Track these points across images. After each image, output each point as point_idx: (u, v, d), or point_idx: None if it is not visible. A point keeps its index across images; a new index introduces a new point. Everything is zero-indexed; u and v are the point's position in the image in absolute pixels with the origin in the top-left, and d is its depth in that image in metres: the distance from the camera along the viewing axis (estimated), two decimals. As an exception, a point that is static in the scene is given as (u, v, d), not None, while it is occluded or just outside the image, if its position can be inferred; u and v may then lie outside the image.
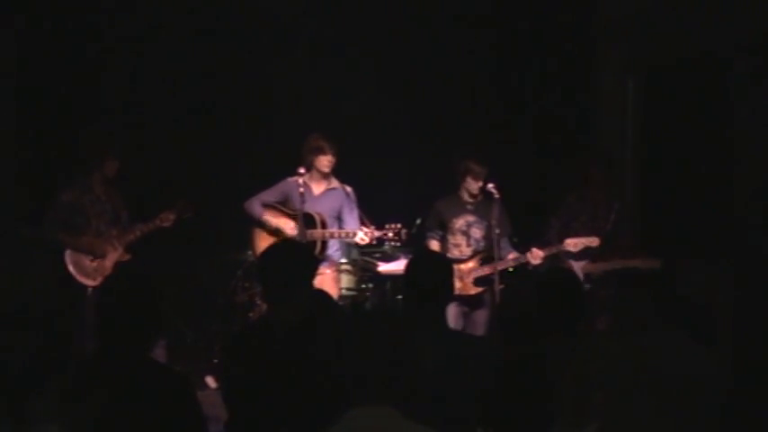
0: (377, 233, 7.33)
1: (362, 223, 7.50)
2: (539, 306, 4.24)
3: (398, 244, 7.46)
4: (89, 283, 7.18)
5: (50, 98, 8.43)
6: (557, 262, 7.33)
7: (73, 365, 3.49)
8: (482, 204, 7.39)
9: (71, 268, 7.18)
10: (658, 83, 8.50)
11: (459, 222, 7.46)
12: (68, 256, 7.20)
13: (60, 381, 3.16)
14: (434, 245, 7.53)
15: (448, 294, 4.43)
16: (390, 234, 7.31)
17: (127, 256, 7.34)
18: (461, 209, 7.47)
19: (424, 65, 9.00)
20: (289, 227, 7.39)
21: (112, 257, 7.28)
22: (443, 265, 4.49)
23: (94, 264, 7.23)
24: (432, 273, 4.36)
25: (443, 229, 7.53)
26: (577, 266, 7.34)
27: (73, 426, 3.12)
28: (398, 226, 7.30)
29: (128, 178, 7.47)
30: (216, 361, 7.77)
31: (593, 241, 7.21)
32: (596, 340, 4.22)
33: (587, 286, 7.24)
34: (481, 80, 8.98)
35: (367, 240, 7.36)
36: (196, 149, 8.77)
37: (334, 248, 7.57)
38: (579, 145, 8.74)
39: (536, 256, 7.22)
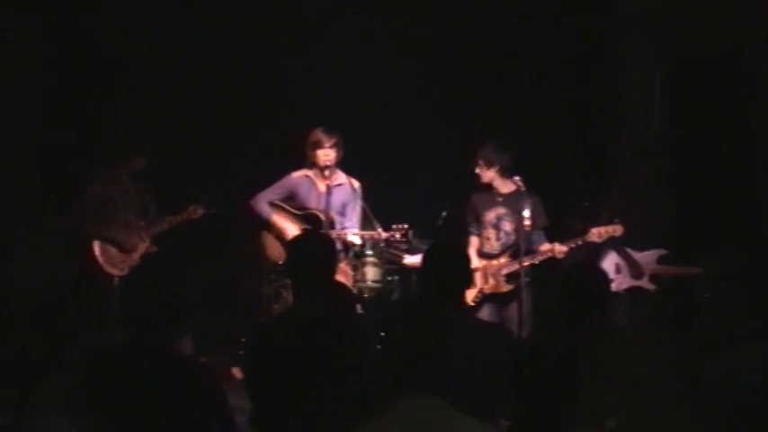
0: (384, 235, 7.31)
1: (366, 219, 7.51)
2: (562, 300, 4.24)
3: (406, 246, 7.47)
4: (115, 272, 7.25)
5: (75, 90, 8.46)
6: (630, 262, 7.35)
7: (85, 357, 3.51)
8: (513, 197, 7.32)
9: (99, 258, 7.24)
10: (684, 74, 8.47)
11: (490, 215, 7.41)
12: (97, 246, 7.26)
13: (70, 373, 3.17)
14: (473, 241, 7.48)
15: (464, 283, 4.43)
16: (398, 235, 7.29)
17: (153, 248, 7.42)
18: (493, 201, 7.42)
19: (445, 57, 8.96)
20: (293, 231, 7.36)
21: (140, 249, 7.36)
22: (458, 256, 4.49)
23: (122, 254, 7.30)
24: (447, 264, 4.37)
25: (479, 223, 7.50)
26: (646, 264, 7.36)
27: (85, 418, 3.14)
28: (405, 226, 7.27)
29: (155, 172, 7.52)
30: (242, 352, 7.79)
31: (617, 230, 7.15)
32: (616, 335, 4.21)
33: (653, 287, 7.29)
34: (505, 73, 8.93)
35: (358, 244, 7.38)
36: (222, 144, 8.78)
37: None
38: (605, 138, 8.74)
39: (558, 250, 7.19)
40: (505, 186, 7.37)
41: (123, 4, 8.63)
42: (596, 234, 7.16)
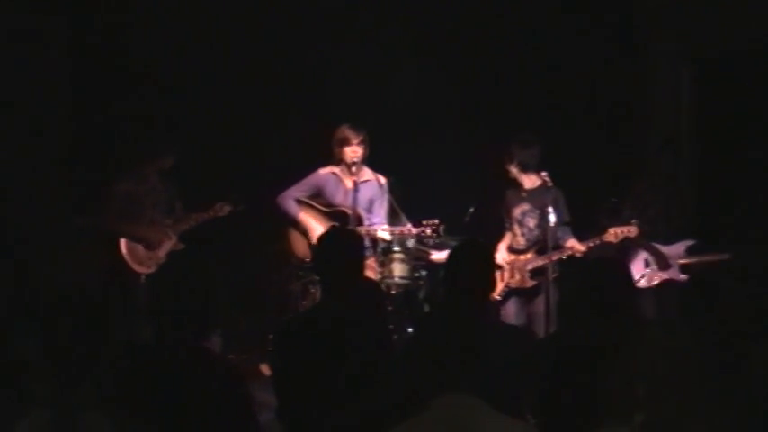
0: (414, 230, 7.34)
1: (395, 214, 7.53)
2: (582, 296, 4.22)
3: (437, 240, 7.49)
4: (143, 270, 7.28)
5: (102, 88, 8.49)
6: (656, 254, 7.33)
7: (121, 353, 3.52)
8: (537, 193, 7.32)
9: (126, 256, 7.27)
10: (712, 71, 8.43)
11: (517, 211, 7.45)
12: (124, 243, 7.30)
13: (107, 368, 3.19)
14: (507, 236, 7.54)
15: (485, 285, 4.40)
16: (428, 231, 7.32)
17: (181, 246, 7.45)
18: (519, 198, 7.45)
19: (473, 53, 8.94)
20: (319, 231, 7.36)
21: (166, 246, 7.39)
22: (480, 258, 4.46)
23: (148, 252, 7.33)
24: (468, 265, 4.35)
25: (510, 219, 7.54)
26: (674, 255, 7.35)
27: (121, 413, 3.15)
28: (436, 222, 7.29)
29: (182, 170, 7.55)
30: (270, 349, 7.80)
31: (632, 231, 7.13)
32: (642, 330, 4.19)
33: (684, 277, 7.27)
34: (533, 70, 8.90)
35: (388, 239, 7.40)
36: (249, 141, 8.78)
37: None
38: (633, 134, 8.71)
39: (577, 249, 7.18)
40: (530, 182, 7.39)
41: (152, 1, 8.65)
42: (612, 234, 7.14)
